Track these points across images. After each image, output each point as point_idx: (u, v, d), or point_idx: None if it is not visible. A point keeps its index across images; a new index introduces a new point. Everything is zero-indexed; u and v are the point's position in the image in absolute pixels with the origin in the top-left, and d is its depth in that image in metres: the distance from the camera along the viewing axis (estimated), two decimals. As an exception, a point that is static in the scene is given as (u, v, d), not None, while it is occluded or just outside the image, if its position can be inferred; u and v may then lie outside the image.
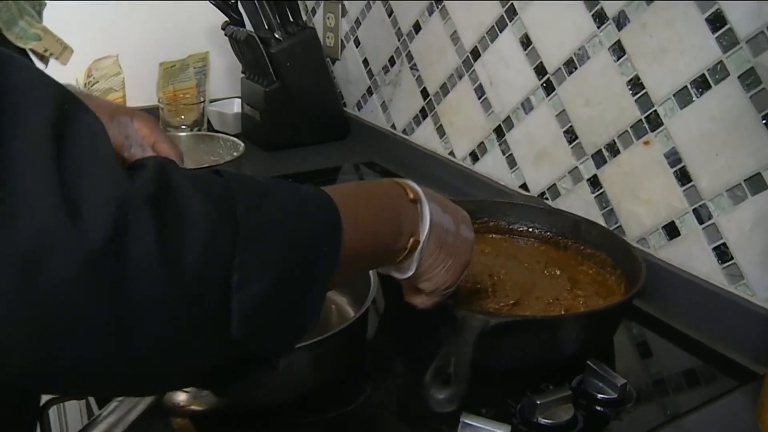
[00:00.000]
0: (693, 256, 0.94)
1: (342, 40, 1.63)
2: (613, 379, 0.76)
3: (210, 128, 1.56)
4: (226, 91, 1.74)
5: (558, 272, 0.93)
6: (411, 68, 1.41)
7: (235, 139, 1.20)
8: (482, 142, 1.27)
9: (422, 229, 0.63)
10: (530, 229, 1.03)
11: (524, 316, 0.78)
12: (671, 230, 0.96)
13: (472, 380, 0.64)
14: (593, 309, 0.84)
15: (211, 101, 1.64)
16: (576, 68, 1.05)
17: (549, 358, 0.79)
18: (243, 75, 1.59)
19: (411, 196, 0.62)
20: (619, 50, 0.98)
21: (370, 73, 1.56)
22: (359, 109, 1.63)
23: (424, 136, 1.42)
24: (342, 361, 0.77)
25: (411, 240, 0.62)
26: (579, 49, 1.04)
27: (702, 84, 0.88)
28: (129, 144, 0.74)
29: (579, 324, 0.78)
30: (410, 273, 0.64)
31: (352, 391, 0.77)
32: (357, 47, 1.58)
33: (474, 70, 1.25)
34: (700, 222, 0.92)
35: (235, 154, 1.15)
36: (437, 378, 0.64)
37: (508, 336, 0.75)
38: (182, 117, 1.42)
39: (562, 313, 0.84)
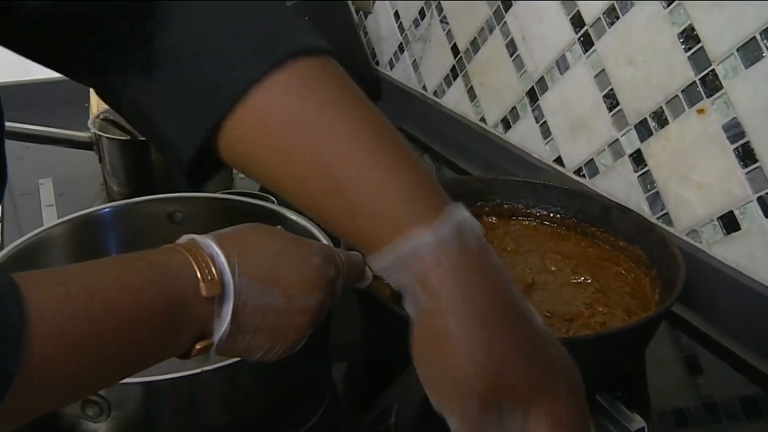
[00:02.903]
0: (756, 257, 0.74)
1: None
2: (626, 422, 0.59)
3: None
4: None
5: (589, 280, 0.75)
6: (441, 21, 1.24)
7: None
8: (514, 107, 1.09)
9: (218, 328, 0.45)
10: (552, 214, 0.85)
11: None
12: (729, 223, 0.77)
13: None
14: (588, 335, 0.65)
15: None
16: (618, 17, 0.86)
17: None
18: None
19: (205, 292, 0.43)
20: (670, -6, 0.78)
21: (401, 28, 1.39)
22: (391, 68, 1.47)
23: (455, 99, 1.25)
24: (297, 378, 0.64)
25: (200, 345, 0.45)
26: (622, -6, 0.84)
27: (775, 35, 0.68)
28: None
29: (578, 349, 0.60)
30: (211, 363, 0.49)
31: (307, 409, 0.65)
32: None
33: (505, 22, 1.06)
34: (767, 215, 0.72)
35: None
36: (373, 429, 0.48)
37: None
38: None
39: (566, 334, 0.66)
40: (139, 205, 0.81)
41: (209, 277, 0.43)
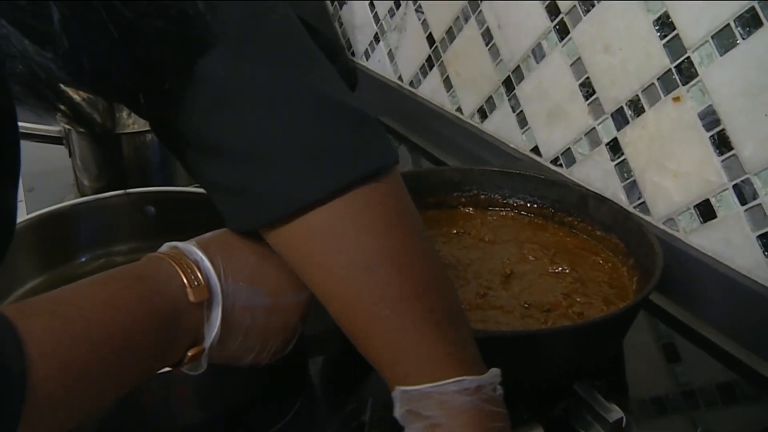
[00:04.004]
0: (732, 245, 0.74)
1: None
2: (604, 413, 0.58)
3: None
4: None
5: (567, 269, 0.74)
6: (416, 11, 1.23)
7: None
8: (490, 97, 1.08)
9: (209, 333, 0.45)
10: (529, 204, 0.84)
11: (488, 332, 0.60)
12: (706, 211, 0.76)
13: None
14: (566, 326, 0.65)
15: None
16: (593, 5, 0.85)
17: (526, 378, 0.61)
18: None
19: (193, 298, 0.43)
20: (645, -20, 0.77)
21: (376, 17, 1.37)
22: (367, 59, 1.45)
23: (431, 89, 1.23)
24: (273, 374, 0.62)
25: (191, 352, 0.45)
26: (598, -19, 0.83)
27: (750, 21, 0.68)
28: None
29: (556, 340, 0.60)
30: (201, 370, 0.47)
31: (279, 407, 0.63)
32: (364, -9, 1.39)
33: (481, 11, 1.05)
34: (743, 202, 0.72)
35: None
36: (347, 427, 0.47)
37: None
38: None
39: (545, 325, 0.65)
40: (110, 200, 0.80)
41: (196, 283, 0.43)
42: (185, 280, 0.43)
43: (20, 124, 1.01)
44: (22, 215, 0.93)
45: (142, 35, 0.39)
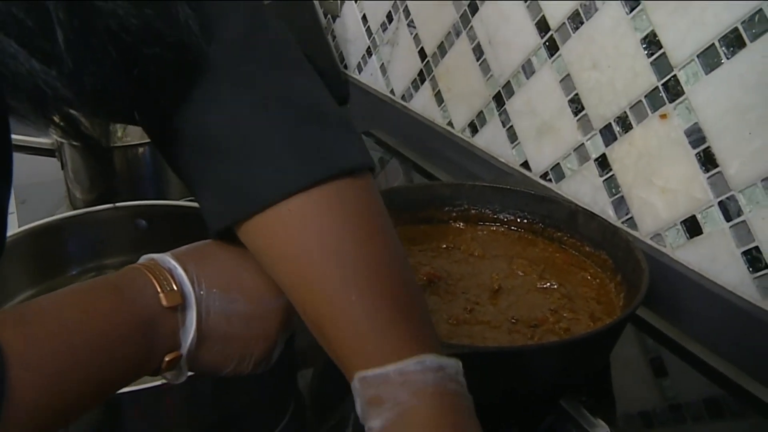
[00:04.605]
0: (718, 261, 0.75)
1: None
2: (590, 428, 0.59)
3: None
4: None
5: (555, 285, 0.75)
6: (408, 25, 1.24)
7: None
8: (481, 111, 1.09)
9: (185, 339, 0.45)
10: (519, 219, 0.85)
11: (473, 348, 0.61)
12: (692, 227, 0.77)
13: None
14: (552, 342, 0.65)
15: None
16: (582, 22, 0.86)
17: (511, 394, 0.62)
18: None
19: (166, 302, 0.44)
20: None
21: (368, 31, 1.38)
22: (359, 72, 1.46)
23: (422, 103, 1.24)
24: (260, 387, 0.63)
25: (168, 357, 0.45)
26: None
27: (734, 41, 0.69)
28: None
29: (541, 357, 0.60)
30: (183, 378, 0.48)
31: (271, 418, 0.64)
32: (356, 2, 1.40)
33: (472, 26, 1.06)
34: (728, 219, 0.73)
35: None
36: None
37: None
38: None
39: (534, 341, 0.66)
40: (101, 214, 0.80)
41: (168, 288, 0.44)
42: (158, 287, 0.44)
43: (13, 136, 1.01)
44: (14, 228, 0.94)
45: (140, 59, 0.41)
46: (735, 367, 0.71)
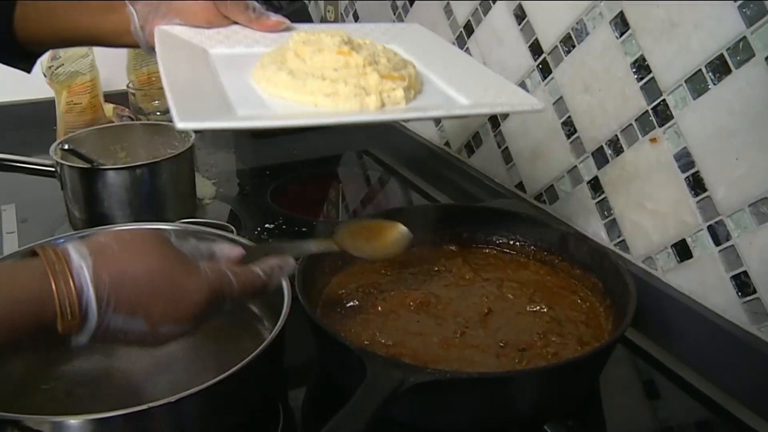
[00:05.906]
0: (707, 285, 0.75)
1: (341, 14, 1.46)
2: (574, 454, 0.59)
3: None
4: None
5: (545, 309, 0.75)
6: (407, 45, 1.24)
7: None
8: (477, 132, 1.09)
9: (78, 340, 0.50)
10: (511, 242, 0.85)
11: (455, 374, 0.61)
12: (682, 250, 0.77)
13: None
14: (533, 368, 0.65)
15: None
16: (574, 46, 0.86)
17: (494, 419, 0.62)
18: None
19: (61, 329, 0.47)
20: (621, 24, 0.79)
21: (368, 51, 1.39)
22: (360, 91, 1.47)
23: (420, 123, 1.25)
24: (249, 406, 0.63)
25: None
26: (577, 23, 0.85)
27: (720, 67, 0.69)
28: None
29: (526, 382, 0.61)
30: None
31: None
32: (356, 22, 1.42)
33: (468, 48, 1.07)
34: (717, 243, 0.73)
35: (186, 145, 1.01)
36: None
37: (440, 395, 0.59)
38: (156, 102, 1.28)
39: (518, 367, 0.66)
40: (96, 235, 0.81)
41: (69, 316, 0.46)
42: (59, 310, 0.46)
43: (14, 157, 1.02)
44: (14, 247, 0.95)
45: None
46: (723, 392, 0.71)
